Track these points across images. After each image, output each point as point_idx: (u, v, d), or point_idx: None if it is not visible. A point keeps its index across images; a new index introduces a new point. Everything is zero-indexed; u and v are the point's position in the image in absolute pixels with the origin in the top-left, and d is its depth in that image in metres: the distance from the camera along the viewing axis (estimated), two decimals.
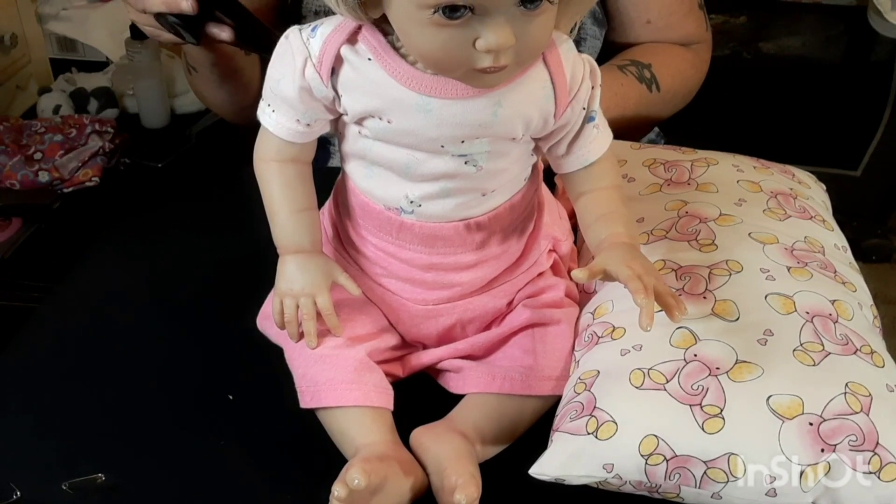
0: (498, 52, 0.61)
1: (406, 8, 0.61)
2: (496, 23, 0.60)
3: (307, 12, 1.09)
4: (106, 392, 0.80)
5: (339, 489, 0.64)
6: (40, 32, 1.79)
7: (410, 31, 0.63)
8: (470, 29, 0.60)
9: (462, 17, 0.60)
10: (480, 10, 0.59)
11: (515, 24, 0.60)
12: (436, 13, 0.60)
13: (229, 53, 0.99)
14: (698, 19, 1.15)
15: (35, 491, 0.70)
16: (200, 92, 1.14)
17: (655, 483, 0.66)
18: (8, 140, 1.44)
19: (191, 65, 1.06)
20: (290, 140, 0.73)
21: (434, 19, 0.60)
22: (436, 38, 0.61)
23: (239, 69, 1.03)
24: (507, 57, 0.62)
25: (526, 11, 0.61)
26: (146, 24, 0.90)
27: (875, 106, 1.87)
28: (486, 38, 0.60)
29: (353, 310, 0.77)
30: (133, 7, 0.87)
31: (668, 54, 1.12)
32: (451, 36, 0.61)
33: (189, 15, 0.84)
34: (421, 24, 0.61)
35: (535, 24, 0.62)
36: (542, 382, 0.75)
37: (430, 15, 0.60)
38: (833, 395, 0.66)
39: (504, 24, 0.60)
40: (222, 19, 0.87)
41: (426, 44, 0.62)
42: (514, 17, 0.60)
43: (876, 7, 1.72)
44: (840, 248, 0.84)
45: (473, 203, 0.73)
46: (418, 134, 0.68)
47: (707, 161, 0.92)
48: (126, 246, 1.01)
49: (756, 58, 2.00)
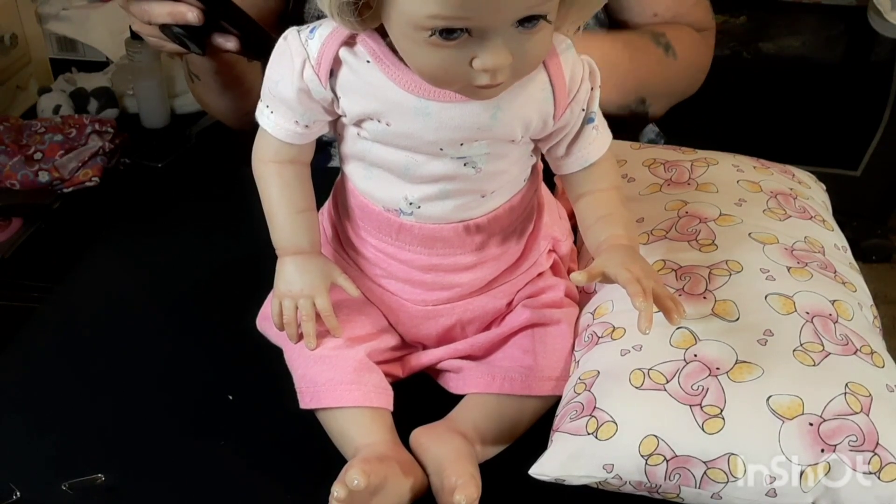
0: (495, 71, 0.61)
1: (403, 29, 0.61)
2: (493, 44, 0.60)
3: (309, 17, 1.08)
4: (106, 392, 0.80)
5: (338, 489, 0.64)
6: (40, 32, 1.79)
7: (408, 49, 0.63)
8: (467, 49, 0.60)
9: (458, 39, 0.60)
10: (477, 32, 0.59)
11: (512, 44, 0.60)
12: (432, 35, 0.60)
13: (231, 61, 0.99)
14: (705, 8, 1.16)
15: (35, 491, 0.71)
16: (203, 99, 1.14)
17: (655, 483, 0.66)
18: (8, 140, 1.43)
19: (193, 73, 1.06)
20: (289, 141, 0.73)
21: (431, 40, 0.60)
22: (433, 57, 0.61)
23: (241, 76, 1.03)
24: (503, 74, 0.62)
25: (523, 31, 0.61)
26: (150, 34, 0.89)
27: (875, 106, 1.87)
28: (483, 59, 0.60)
29: (353, 310, 0.77)
30: (137, 18, 0.87)
31: (679, 28, 1.12)
32: (448, 55, 0.61)
33: (195, 26, 0.83)
34: (418, 44, 0.61)
35: (533, 42, 0.62)
36: (542, 383, 0.75)
37: (427, 36, 0.60)
38: (833, 396, 0.66)
39: (501, 46, 0.60)
40: (228, 29, 0.87)
41: (424, 61, 0.63)
42: (510, 37, 0.60)
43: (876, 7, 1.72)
44: (840, 248, 0.84)
45: (473, 204, 0.73)
46: (417, 137, 0.68)
47: (707, 161, 0.92)
48: (126, 246, 1.01)
49: (756, 58, 2.00)
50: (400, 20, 0.61)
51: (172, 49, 0.89)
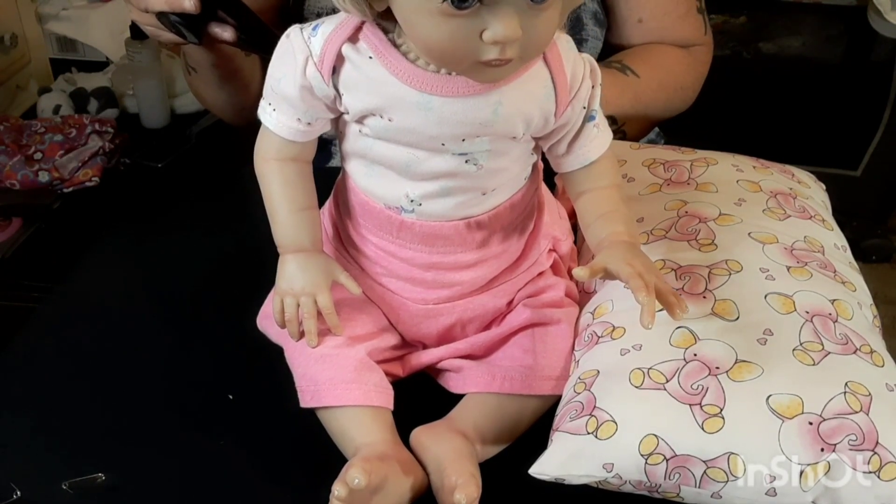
0: (505, 44, 0.61)
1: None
2: (505, 13, 0.60)
3: (309, 14, 1.09)
4: (106, 392, 0.80)
5: (339, 489, 0.64)
6: (40, 32, 1.79)
7: (417, 22, 0.63)
8: (478, 19, 0.60)
9: (471, 7, 0.59)
10: (489, 0, 0.60)
11: (523, 17, 0.60)
12: (444, 2, 0.59)
13: (229, 54, 0.99)
14: (696, 23, 1.13)
15: (35, 491, 0.71)
16: (199, 93, 1.14)
17: (655, 483, 0.66)
18: (8, 140, 1.43)
19: (190, 65, 1.06)
20: (291, 139, 0.73)
21: (442, 8, 0.60)
22: (443, 29, 0.61)
23: (239, 69, 1.03)
24: (512, 50, 0.62)
25: (533, 5, 0.60)
26: (147, 23, 0.89)
27: (875, 106, 1.87)
28: (494, 30, 0.60)
29: (354, 309, 0.77)
30: (135, 6, 0.87)
31: (645, 51, 1.10)
32: (458, 26, 0.61)
33: (191, 14, 0.83)
34: (429, 14, 0.61)
35: (542, 19, 0.62)
36: (542, 382, 0.75)
37: (439, 4, 0.60)
38: (833, 395, 0.66)
39: (512, 16, 0.60)
40: (225, 19, 0.87)
41: (433, 34, 0.62)
42: (522, 9, 0.60)
43: (876, 7, 1.72)
44: (840, 248, 0.84)
45: (474, 202, 0.74)
46: (419, 132, 0.68)
47: (707, 161, 0.92)
48: (126, 246, 1.01)
49: (756, 58, 2.00)
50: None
51: (169, 39, 0.89)
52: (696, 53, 1.14)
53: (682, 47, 1.13)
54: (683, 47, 1.13)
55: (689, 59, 1.13)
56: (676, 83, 1.12)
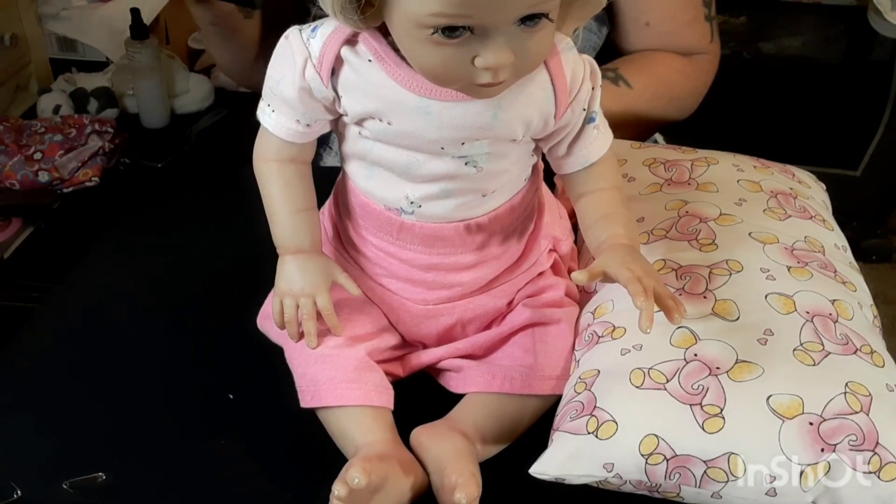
0: (497, 69, 0.61)
1: (405, 27, 0.61)
2: (495, 42, 0.60)
3: None
4: (106, 392, 0.80)
5: (339, 488, 0.64)
6: (40, 32, 1.79)
7: (410, 47, 0.63)
8: (469, 47, 0.60)
9: (461, 37, 0.60)
10: (479, 30, 0.60)
11: (514, 42, 0.61)
12: (434, 33, 0.60)
13: (226, 12, 1.07)
14: (703, 30, 1.13)
15: (35, 490, 0.71)
16: (210, 51, 1.24)
17: (655, 483, 0.66)
18: (8, 140, 1.43)
19: (198, 25, 1.14)
20: (290, 140, 0.73)
21: (433, 38, 0.60)
22: (435, 55, 0.61)
23: (238, 29, 1.11)
24: (505, 73, 0.62)
25: (525, 29, 0.61)
26: None
27: (875, 106, 1.86)
28: (485, 57, 0.60)
29: (353, 309, 0.78)
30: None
31: (642, 59, 1.10)
32: (450, 54, 0.61)
33: None
34: (420, 42, 0.61)
35: (534, 41, 0.62)
36: (543, 382, 0.75)
37: (429, 34, 0.60)
38: (833, 395, 0.66)
39: (503, 44, 0.60)
40: None
41: (426, 60, 0.63)
42: (512, 35, 0.60)
43: (876, 7, 1.72)
44: (840, 248, 0.84)
45: (474, 204, 0.74)
46: (418, 136, 0.68)
47: (707, 161, 0.92)
48: (126, 246, 1.01)
49: (756, 58, 2.00)
50: (402, 18, 0.61)
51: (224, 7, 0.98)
52: (699, 62, 1.14)
53: (684, 55, 1.12)
54: (687, 55, 1.13)
55: (690, 67, 1.13)
56: (671, 93, 1.12)
